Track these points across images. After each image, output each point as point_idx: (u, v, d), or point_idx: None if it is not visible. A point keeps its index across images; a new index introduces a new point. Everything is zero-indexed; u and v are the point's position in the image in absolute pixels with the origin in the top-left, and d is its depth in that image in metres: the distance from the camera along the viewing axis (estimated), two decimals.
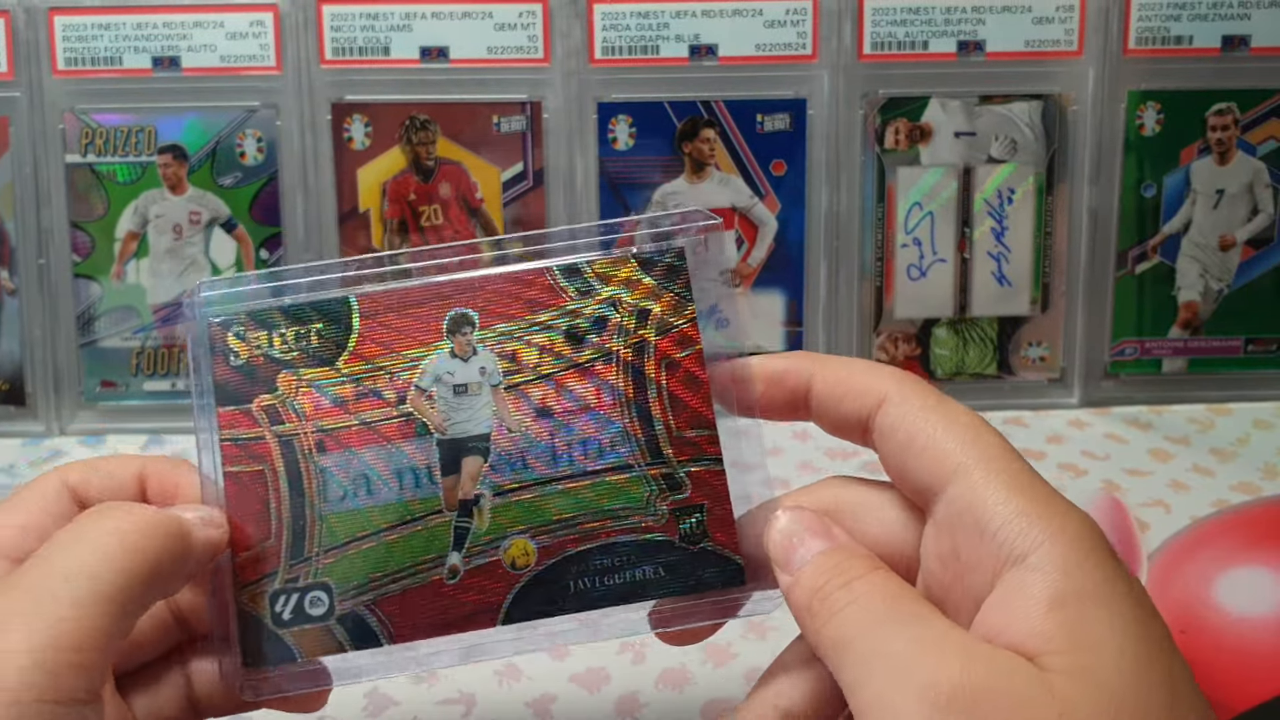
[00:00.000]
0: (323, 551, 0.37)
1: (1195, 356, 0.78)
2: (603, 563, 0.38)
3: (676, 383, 0.39)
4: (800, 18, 0.75)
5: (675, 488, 0.39)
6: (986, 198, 0.77)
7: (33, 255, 0.76)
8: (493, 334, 0.39)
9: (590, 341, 0.39)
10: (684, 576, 0.38)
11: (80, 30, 0.75)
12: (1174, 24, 0.76)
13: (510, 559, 0.38)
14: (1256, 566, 0.60)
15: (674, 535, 0.38)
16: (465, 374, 0.38)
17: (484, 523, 0.38)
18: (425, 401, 0.38)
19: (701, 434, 0.39)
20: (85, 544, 0.32)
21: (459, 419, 0.38)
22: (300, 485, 0.38)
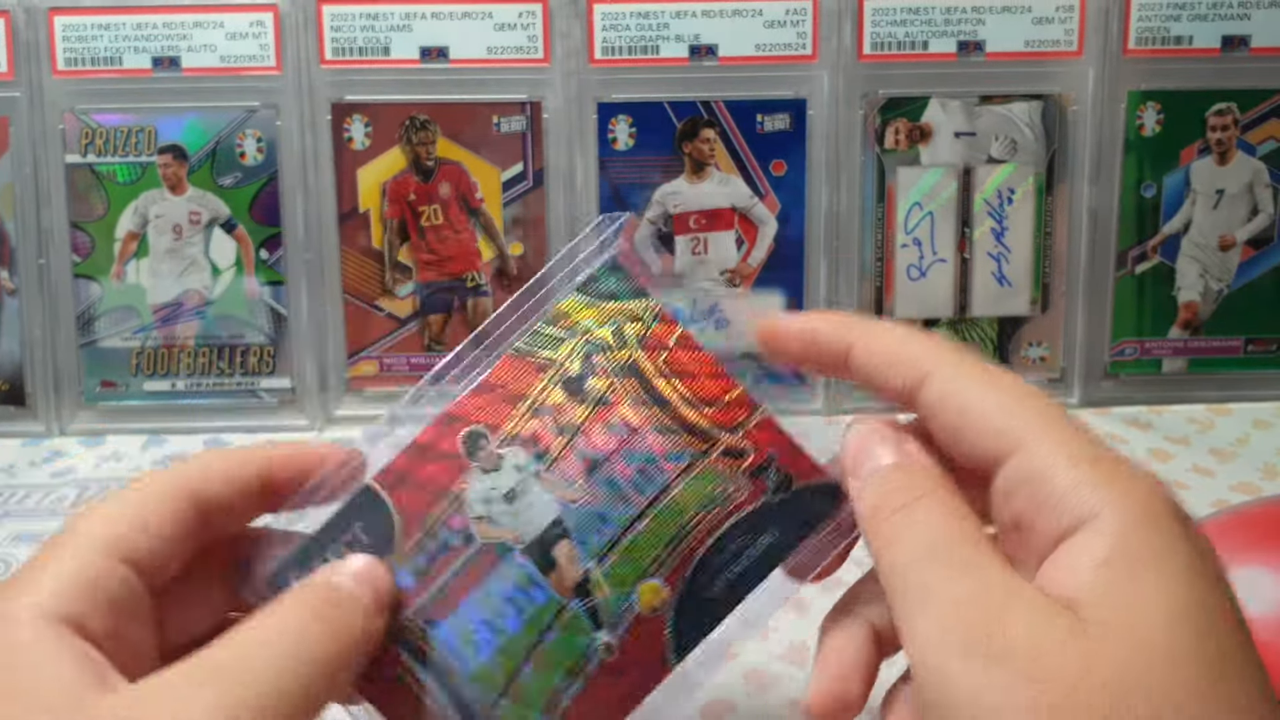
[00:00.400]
0: (492, 706, 0.38)
1: (1195, 356, 0.78)
2: (725, 557, 0.39)
3: (682, 371, 0.40)
4: (800, 18, 0.75)
5: (740, 455, 0.39)
6: (986, 198, 0.77)
7: (33, 255, 0.76)
8: (506, 433, 0.39)
9: (590, 386, 0.40)
10: (795, 524, 0.39)
11: (80, 30, 0.75)
12: (1174, 24, 0.76)
13: (649, 606, 0.38)
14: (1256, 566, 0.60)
15: (764, 495, 0.39)
16: (506, 480, 0.39)
17: (606, 591, 0.38)
18: (490, 525, 0.39)
19: (731, 397, 0.40)
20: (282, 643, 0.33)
21: (526, 520, 0.39)
22: (436, 665, 0.38)
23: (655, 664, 0.38)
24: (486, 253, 0.77)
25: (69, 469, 0.72)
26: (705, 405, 0.40)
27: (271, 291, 0.77)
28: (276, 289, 0.77)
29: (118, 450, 0.74)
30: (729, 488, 0.39)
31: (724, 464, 0.39)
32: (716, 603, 0.38)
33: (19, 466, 0.72)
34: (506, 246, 0.77)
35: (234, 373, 0.77)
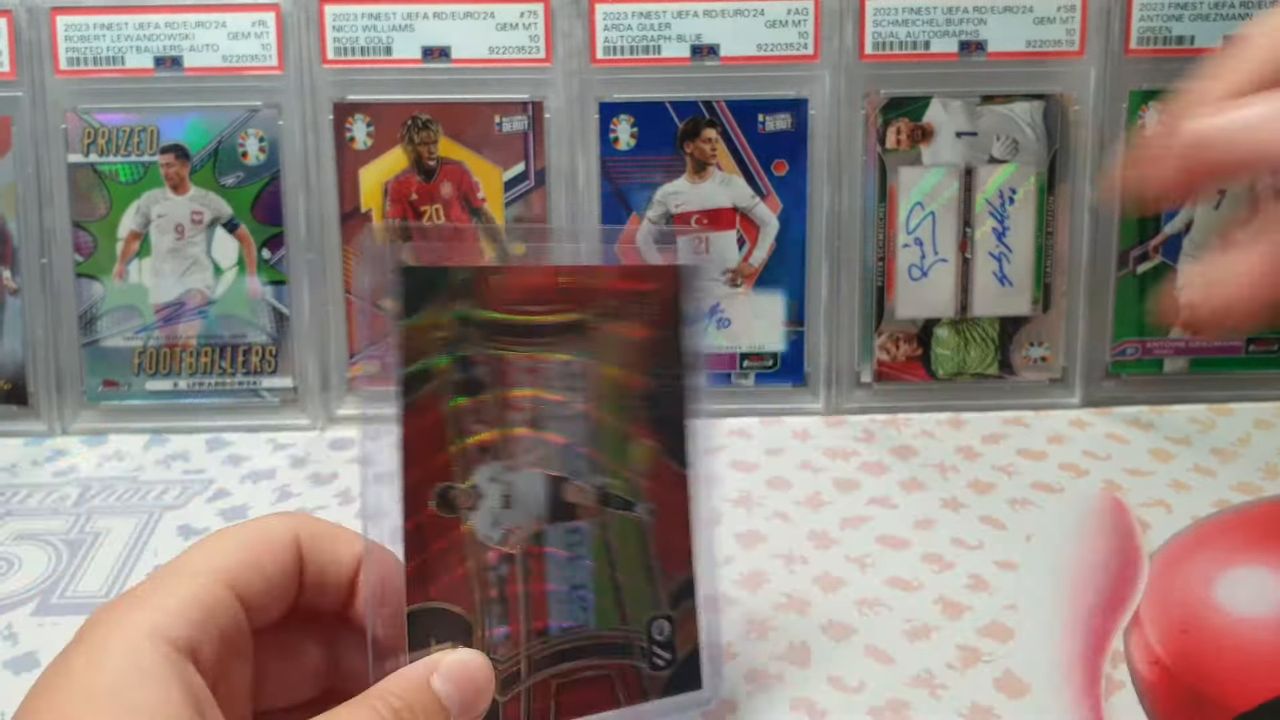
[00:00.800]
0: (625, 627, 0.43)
1: (1196, 356, 0.78)
2: (656, 375, 0.45)
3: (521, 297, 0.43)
4: (802, 17, 0.75)
5: (607, 312, 0.44)
6: (988, 198, 0.77)
7: (35, 255, 0.76)
8: (459, 468, 0.41)
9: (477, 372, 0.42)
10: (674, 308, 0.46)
11: (82, 30, 0.75)
12: (1176, 24, 0.76)
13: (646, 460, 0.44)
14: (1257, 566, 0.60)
15: (644, 313, 0.45)
16: (494, 499, 0.42)
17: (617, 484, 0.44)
18: (515, 536, 0.42)
19: (564, 280, 0.44)
20: None
21: (532, 505, 0.42)
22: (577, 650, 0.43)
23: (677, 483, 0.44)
24: (488, 253, 0.77)
25: (71, 468, 0.72)
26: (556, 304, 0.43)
27: (274, 291, 0.77)
28: (279, 288, 0.77)
29: (120, 449, 0.74)
30: (619, 334, 0.44)
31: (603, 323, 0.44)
32: (677, 402, 0.45)
33: (21, 466, 0.73)
34: (509, 246, 0.77)
35: (236, 372, 0.77)
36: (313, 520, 0.40)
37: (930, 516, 0.64)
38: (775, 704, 0.50)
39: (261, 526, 0.38)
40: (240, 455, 0.73)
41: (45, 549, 0.63)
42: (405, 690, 0.36)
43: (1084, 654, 0.53)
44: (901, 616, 0.56)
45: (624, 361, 0.44)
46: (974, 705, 0.50)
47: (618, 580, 0.43)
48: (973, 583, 0.58)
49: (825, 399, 0.78)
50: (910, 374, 0.78)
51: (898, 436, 0.74)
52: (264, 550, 0.37)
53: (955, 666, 0.52)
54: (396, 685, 0.36)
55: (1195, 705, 0.50)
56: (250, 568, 0.36)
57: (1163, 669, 0.52)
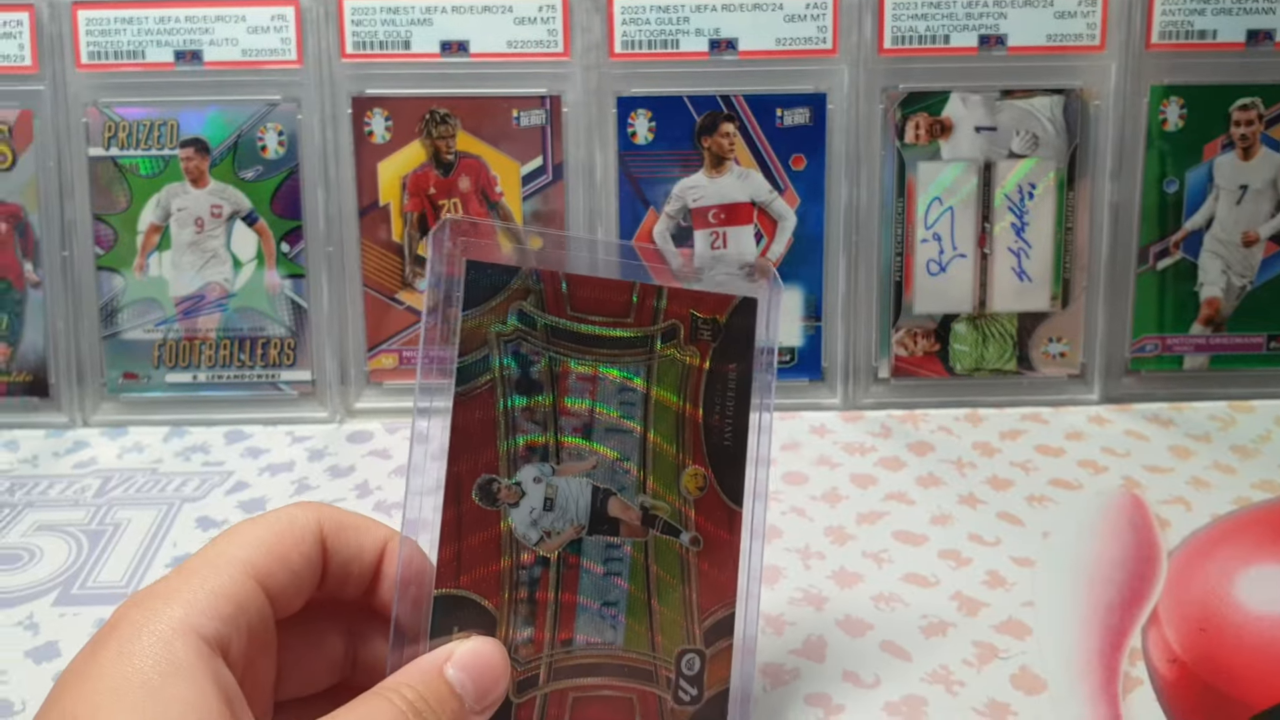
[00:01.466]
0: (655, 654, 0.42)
1: (1217, 353, 0.78)
2: (716, 409, 0.43)
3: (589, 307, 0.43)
4: (820, 12, 0.75)
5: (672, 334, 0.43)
6: (1007, 193, 0.76)
7: (56, 248, 0.76)
8: (505, 462, 0.42)
9: (534, 371, 0.42)
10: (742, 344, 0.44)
11: (103, 24, 0.76)
12: (1198, 18, 0.75)
13: (697, 489, 0.43)
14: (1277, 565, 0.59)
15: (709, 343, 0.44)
16: (536, 498, 0.42)
17: (664, 507, 0.43)
18: (552, 539, 0.42)
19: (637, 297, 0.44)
20: None
21: (574, 511, 0.42)
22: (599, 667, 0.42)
23: (728, 519, 0.43)
24: (506, 247, 0.77)
25: (91, 460, 0.73)
26: (623, 316, 0.43)
27: (292, 284, 0.77)
28: (297, 282, 0.77)
29: (139, 441, 0.75)
30: (682, 360, 0.43)
31: (668, 346, 0.43)
32: (736, 439, 0.43)
33: (42, 457, 0.73)
34: (526, 240, 0.77)
35: (255, 365, 0.77)
36: (335, 510, 0.40)
37: (947, 512, 0.64)
38: (791, 699, 0.50)
39: (286, 517, 0.38)
40: (259, 448, 0.74)
41: (66, 540, 0.64)
42: (419, 680, 0.36)
43: (1102, 651, 0.53)
44: (918, 612, 0.56)
45: (685, 388, 0.43)
46: (991, 702, 0.50)
47: (652, 606, 0.42)
48: (990, 579, 0.58)
49: (843, 394, 0.78)
50: (928, 369, 0.78)
51: (915, 432, 0.74)
52: (289, 541, 0.37)
53: (972, 663, 0.52)
54: (410, 676, 0.36)
55: (1213, 703, 0.50)
56: (276, 559, 0.36)
57: (1181, 667, 0.52)
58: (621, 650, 0.42)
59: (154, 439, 0.75)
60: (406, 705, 0.34)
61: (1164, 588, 0.57)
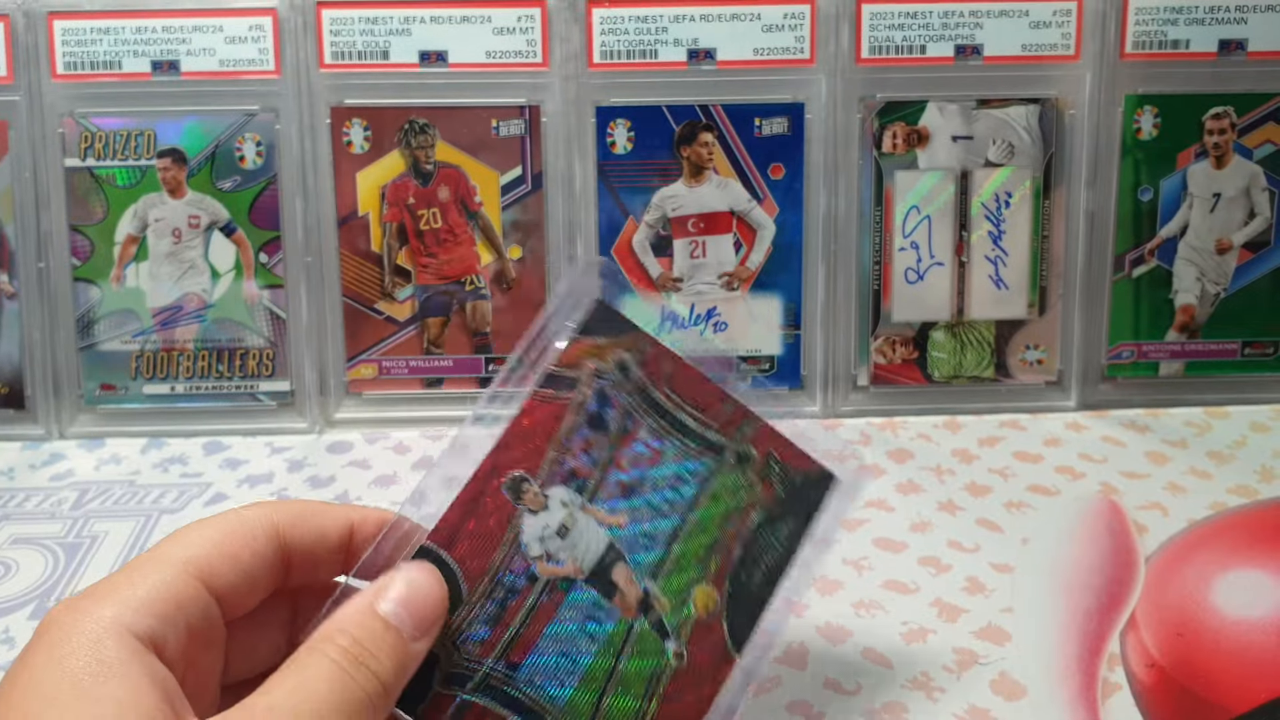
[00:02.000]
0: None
1: (1192, 360, 0.79)
2: (755, 551, 0.42)
3: (684, 390, 0.44)
4: (798, 22, 0.75)
5: (747, 459, 0.44)
6: (984, 201, 0.77)
7: (32, 259, 0.76)
8: (545, 473, 0.42)
9: (610, 415, 0.43)
10: (805, 510, 0.44)
11: (79, 34, 0.75)
12: (1171, 28, 0.76)
13: (704, 609, 0.41)
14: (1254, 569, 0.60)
15: (775, 490, 0.44)
16: (555, 517, 0.41)
17: (665, 603, 0.41)
18: (550, 563, 0.41)
19: (729, 409, 0.44)
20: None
21: (582, 552, 0.41)
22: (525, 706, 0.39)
23: (720, 660, 0.41)
24: (485, 256, 0.78)
25: (69, 472, 0.72)
26: (710, 419, 0.44)
27: (271, 295, 0.77)
28: (276, 292, 0.77)
29: (117, 453, 0.74)
30: (744, 489, 0.43)
31: (736, 469, 0.43)
32: (759, 593, 0.42)
33: (19, 469, 0.72)
34: (505, 250, 0.78)
35: (233, 376, 0.77)
36: (292, 503, 0.39)
37: (927, 519, 0.65)
38: (772, 707, 0.50)
39: (235, 516, 0.37)
40: (237, 459, 0.73)
41: (43, 553, 0.63)
42: (353, 624, 0.35)
43: (1081, 656, 0.53)
44: (898, 619, 0.56)
45: (733, 516, 0.43)
46: (971, 708, 0.50)
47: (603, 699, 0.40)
48: (970, 585, 0.59)
49: (822, 402, 0.78)
50: (907, 377, 0.78)
51: (894, 439, 0.74)
52: (239, 540, 0.37)
53: (952, 669, 0.52)
54: (343, 620, 0.35)
55: (1191, 707, 0.50)
56: (224, 558, 0.36)
57: (1159, 671, 0.52)
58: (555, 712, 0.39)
59: (132, 451, 0.75)
60: (341, 654, 0.34)
61: (1142, 593, 0.57)
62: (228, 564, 0.36)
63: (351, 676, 0.34)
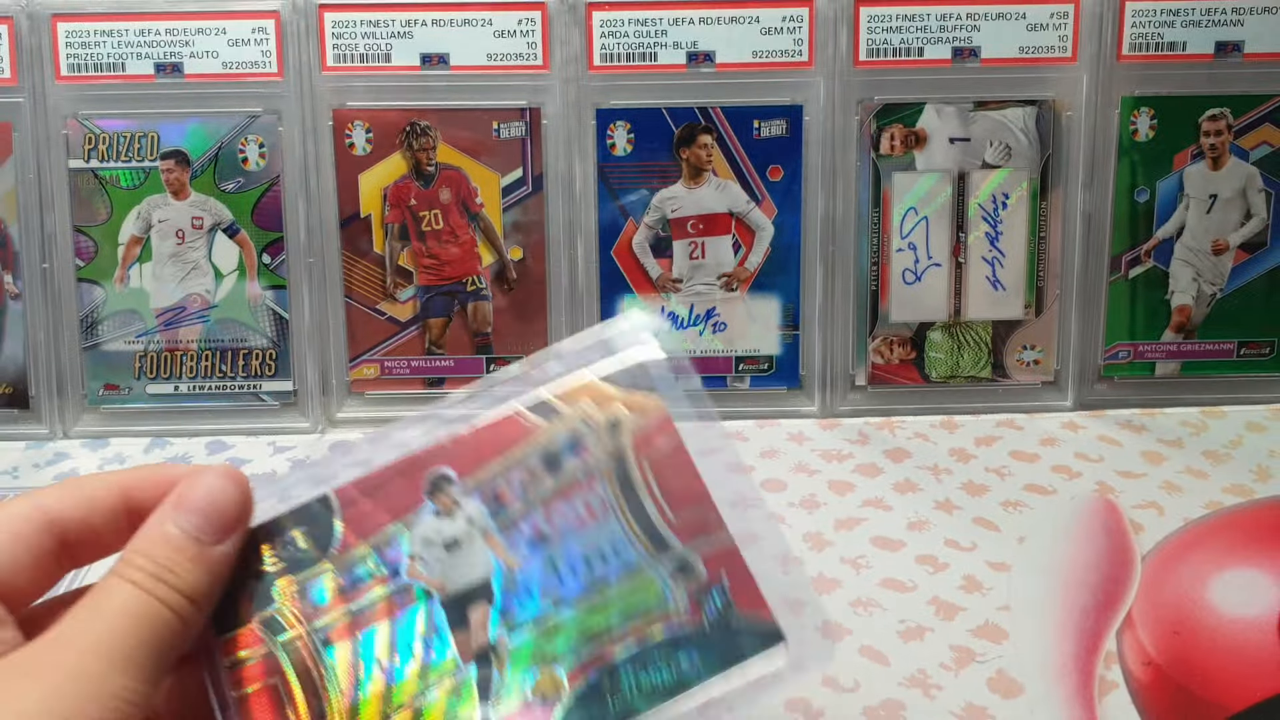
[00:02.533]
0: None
1: (1188, 360, 0.79)
2: (636, 667, 0.37)
3: (663, 472, 0.39)
4: (797, 25, 0.76)
5: (688, 572, 0.38)
6: (981, 202, 0.77)
7: (36, 260, 0.76)
8: (473, 483, 0.39)
9: (569, 463, 0.39)
10: (721, 655, 0.37)
11: (83, 36, 0.76)
12: (1167, 30, 0.76)
13: (540, 693, 0.37)
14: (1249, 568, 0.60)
15: (700, 621, 0.37)
16: (453, 529, 0.38)
17: (505, 666, 0.37)
18: (420, 566, 0.38)
19: (700, 512, 0.39)
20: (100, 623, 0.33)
21: (457, 573, 0.38)
22: (314, 686, 0.37)
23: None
24: (486, 257, 0.78)
25: (72, 471, 0.73)
26: (674, 516, 0.38)
27: (274, 295, 0.77)
28: (279, 293, 0.77)
29: (121, 453, 0.75)
30: (666, 605, 0.37)
31: (670, 577, 0.38)
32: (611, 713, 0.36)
33: (23, 469, 0.73)
34: (506, 251, 0.78)
35: (236, 376, 0.78)
36: (60, 484, 0.38)
37: (924, 518, 0.65)
38: (771, 705, 0.50)
39: (6, 509, 0.37)
40: (240, 458, 0.74)
41: None
42: (148, 545, 0.35)
43: (1077, 655, 0.54)
44: (896, 617, 0.56)
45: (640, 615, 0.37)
46: (968, 705, 0.50)
47: (395, 713, 0.37)
48: (966, 584, 0.59)
49: (820, 402, 0.78)
50: (904, 377, 0.79)
51: (892, 439, 0.74)
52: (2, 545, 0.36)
53: (949, 667, 0.53)
54: (140, 543, 0.35)
55: (1187, 705, 0.51)
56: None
57: (1155, 669, 0.52)
58: (338, 711, 0.37)
59: (135, 450, 0.75)
60: (142, 575, 0.34)
61: (1138, 591, 0.58)
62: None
63: (151, 593, 0.33)
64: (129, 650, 0.32)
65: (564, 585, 0.38)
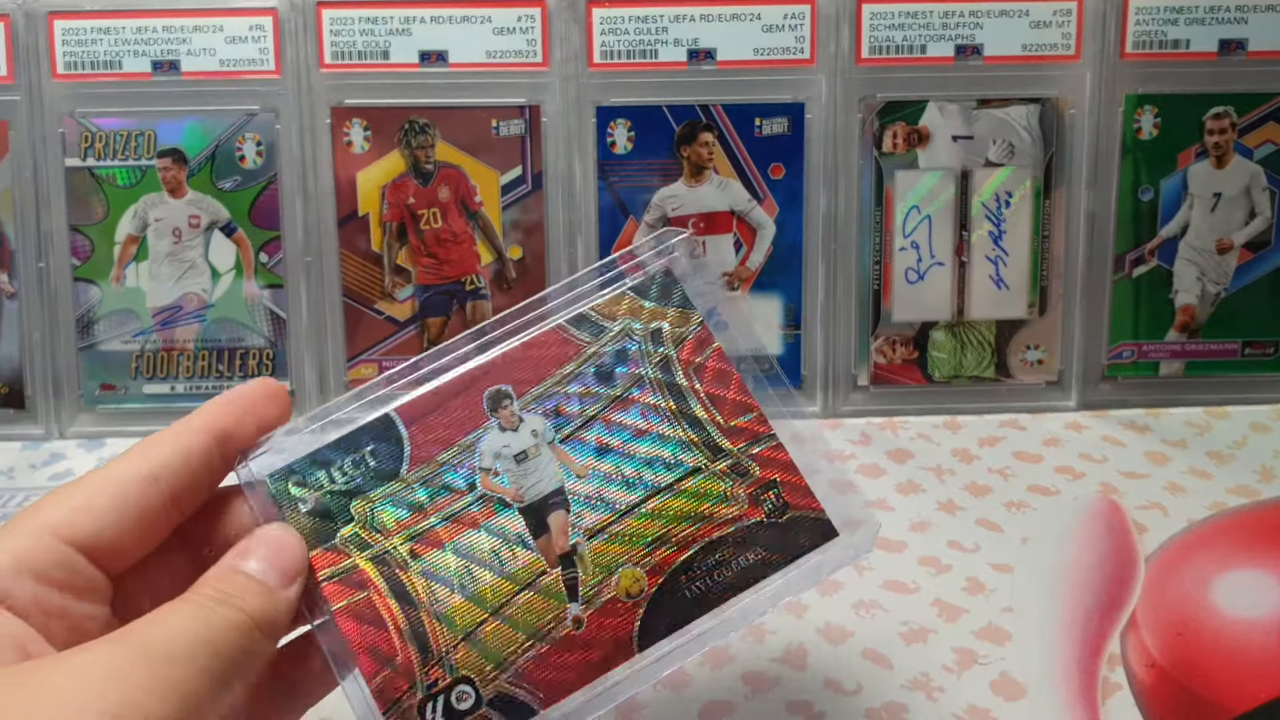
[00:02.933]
0: (451, 648, 0.38)
1: (1192, 360, 0.79)
2: (709, 563, 0.40)
3: (709, 382, 0.42)
4: (798, 22, 0.75)
5: (744, 474, 0.41)
6: (984, 201, 0.77)
7: (32, 259, 0.76)
8: (531, 398, 0.41)
9: (620, 374, 0.42)
10: (784, 548, 0.40)
11: (80, 34, 0.75)
12: (1171, 28, 0.76)
13: (624, 590, 0.39)
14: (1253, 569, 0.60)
15: (760, 515, 0.41)
16: (520, 442, 0.41)
17: (588, 567, 0.40)
18: (494, 479, 0.40)
19: (748, 419, 0.42)
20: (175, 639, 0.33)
21: (530, 484, 0.40)
22: (408, 595, 0.39)
23: (620, 646, 0.39)
24: (485, 256, 0.78)
25: (68, 471, 0.72)
26: (724, 420, 0.42)
27: (271, 295, 0.77)
28: (276, 292, 0.77)
29: (117, 453, 0.74)
30: (727, 501, 0.41)
31: (728, 478, 0.41)
32: (690, 605, 0.39)
33: (19, 469, 0.73)
34: (505, 250, 0.78)
35: (234, 375, 0.77)
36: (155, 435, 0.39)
37: (927, 519, 0.65)
38: (772, 706, 0.50)
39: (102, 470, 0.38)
40: None
41: None
42: (215, 579, 0.36)
43: (1080, 657, 0.53)
44: (898, 619, 0.56)
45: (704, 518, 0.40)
46: (971, 708, 0.50)
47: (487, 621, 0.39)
48: (970, 585, 0.59)
49: (822, 402, 0.78)
50: (907, 377, 0.78)
51: (894, 439, 0.74)
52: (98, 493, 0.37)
53: (952, 669, 0.52)
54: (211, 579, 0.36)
55: (1191, 707, 0.50)
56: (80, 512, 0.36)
57: (1159, 671, 0.52)
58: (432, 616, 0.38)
59: None
60: (207, 598, 0.35)
61: (1141, 593, 0.58)
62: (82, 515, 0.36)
63: (213, 609, 0.34)
64: (192, 649, 0.33)
65: (632, 491, 0.41)
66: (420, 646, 0.38)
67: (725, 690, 0.51)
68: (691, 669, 0.52)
